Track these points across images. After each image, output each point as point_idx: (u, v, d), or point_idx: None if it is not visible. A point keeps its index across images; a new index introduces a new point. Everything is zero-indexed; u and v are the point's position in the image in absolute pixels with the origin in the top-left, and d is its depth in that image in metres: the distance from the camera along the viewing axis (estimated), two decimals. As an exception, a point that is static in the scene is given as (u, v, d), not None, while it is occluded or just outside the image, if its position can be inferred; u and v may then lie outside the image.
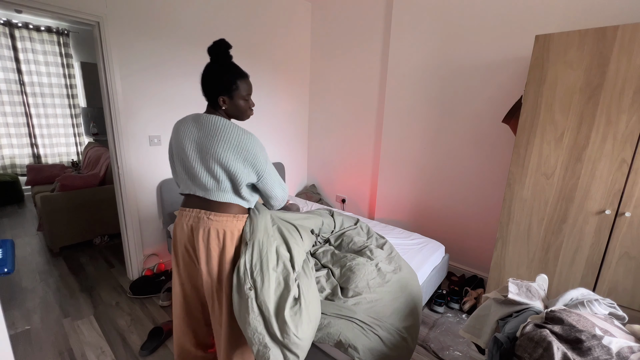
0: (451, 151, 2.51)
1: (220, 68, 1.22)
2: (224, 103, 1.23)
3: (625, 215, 1.45)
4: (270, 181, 1.25)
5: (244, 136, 1.17)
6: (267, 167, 1.22)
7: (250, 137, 1.19)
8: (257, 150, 1.19)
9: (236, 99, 1.24)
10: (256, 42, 2.90)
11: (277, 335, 1.10)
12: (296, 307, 1.16)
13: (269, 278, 1.16)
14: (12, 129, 4.15)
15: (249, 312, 1.10)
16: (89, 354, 1.72)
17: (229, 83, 1.21)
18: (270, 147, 3.31)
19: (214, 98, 1.22)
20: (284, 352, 1.12)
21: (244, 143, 1.16)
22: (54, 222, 2.80)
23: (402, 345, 1.37)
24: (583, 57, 1.45)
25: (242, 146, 1.16)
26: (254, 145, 1.18)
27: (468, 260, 2.58)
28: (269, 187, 1.26)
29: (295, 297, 1.18)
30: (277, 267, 1.23)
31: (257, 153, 1.19)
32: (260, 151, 1.19)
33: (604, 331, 0.81)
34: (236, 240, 1.25)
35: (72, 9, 1.86)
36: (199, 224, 1.22)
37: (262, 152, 1.21)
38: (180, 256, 1.32)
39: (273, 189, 1.27)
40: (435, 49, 2.45)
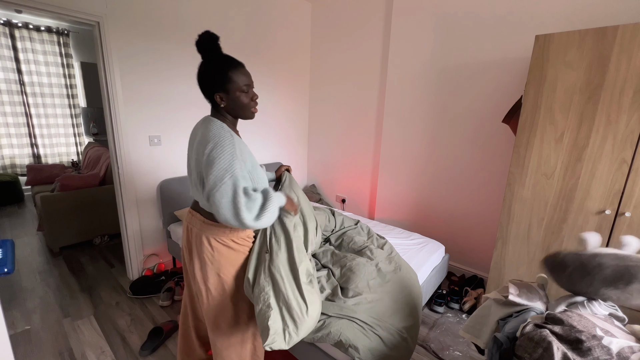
0: (451, 151, 2.51)
1: (209, 63, 1.13)
2: (221, 100, 1.14)
3: (625, 215, 1.45)
4: (219, 201, 1.00)
5: (214, 137, 1.05)
6: (222, 184, 1.00)
7: (219, 139, 1.05)
8: (217, 154, 1.03)
9: (233, 93, 1.14)
10: (256, 42, 2.90)
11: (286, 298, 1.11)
12: (309, 283, 1.17)
13: (285, 245, 1.19)
14: (12, 129, 4.15)
15: (262, 273, 1.13)
16: (89, 354, 1.72)
17: (221, 77, 1.12)
18: (270, 147, 3.31)
19: (211, 97, 1.15)
20: (285, 318, 1.10)
21: (208, 143, 1.05)
22: (54, 222, 2.80)
23: (402, 345, 1.37)
24: (583, 57, 1.45)
25: (204, 146, 1.06)
26: (216, 149, 1.03)
27: (468, 260, 2.58)
28: (215, 207, 1.01)
29: (309, 272, 1.19)
30: (294, 238, 1.22)
31: (214, 159, 1.03)
32: (219, 159, 1.03)
33: (605, 331, 0.81)
34: (228, 251, 1.20)
35: (72, 9, 1.86)
36: (194, 226, 1.22)
37: (223, 160, 1.03)
38: (185, 255, 1.34)
39: (219, 210, 1.01)
40: (435, 49, 2.45)
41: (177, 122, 2.45)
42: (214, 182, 1.01)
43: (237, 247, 1.20)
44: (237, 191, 1.01)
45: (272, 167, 3.25)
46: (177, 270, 2.51)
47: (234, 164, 1.03)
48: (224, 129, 1.10)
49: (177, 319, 1.99)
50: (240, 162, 1.06)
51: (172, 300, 2.19)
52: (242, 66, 1.16)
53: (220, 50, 1.16)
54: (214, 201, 1.01)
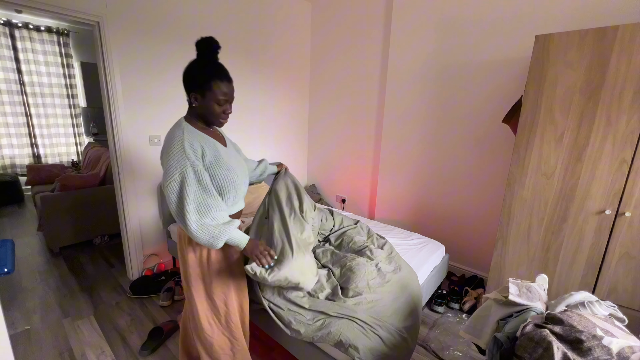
0: (451, 151, 2.51)
1: (201, 63, 1.15)
2: (194, 100, 1.15)
3: (625, 215, 1.45)
4: (168, 197, 1.07)
5: (169, 139, 1.11)
6: (171, 181, 1.05)
7: (169, 137, 1.11)
8: (164, 151, 1.10)
9: (209, 99, 1.13)
10: (256, 42, 2.90)
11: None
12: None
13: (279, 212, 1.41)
14: (12, 129, 4.15)
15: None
16: (89, 354, 1.72)
17: (204, 80, 1.11)
18: (270, 147, 3.31)
19: (187, 94, 1.16)
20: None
21: (163, 144, 1.12)
22: (54, 222, 2.80)
23: (402, 346, 1.37)
24: (583, 57, 1.45)
25: (163, 149, 1.12)
26: (164, 147, 1.11)
27: (468, 260, 2.58)
28: (167, 201, 1.08)
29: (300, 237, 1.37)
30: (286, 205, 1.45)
31: (163, 156, 1.10)
32: (167, 155, 1.08)
33: (605, 331, 0.81)
34: (200, 248, 1.23)
35: (72, 9, 1.86)
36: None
37: (172, 158, 1.06)
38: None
39: (169, 206, 1.08)
40: (436, 49, 2.45)
41: (177, 122, 2.45)
42: (164, 178, 1.07)
43: (191, 252, 1.24)
44: (184, 192, 1.04)
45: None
46: (177, 270, 2.51)
47: (182, 161, 1.06)
48: (180, 127, 1.13)
49: (177, 319, 1.99)
50: (190, 159, 1.07)
51: (172, 300, 2.19)
52: (227, 80, 1.16)
53: (216, 57, 1.18)
54: (166, 197, 1.08)
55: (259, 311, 1.47)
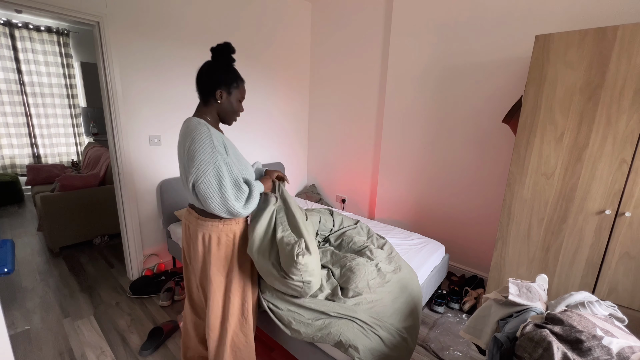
0: (451, 151, 2.51)
1: (224, 64, 1.22)
2: (220, 97, 1.21)
3: (625, 215, 1.45)
4: (204, 191, 1.07)
5: (191, 132, 1.11)
6: (205, 176, 1.06)
7: (196, 133, 1.10)
8: (196, 147, 1.08)
9: (233, 97, 1.24)
10: (256, 42, 2.90)
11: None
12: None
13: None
14: (12, 129, 4.15)
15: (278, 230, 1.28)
16: (89, 354, 1.72)
17: (231, 79, 1.22)
18: (270, 147, 3.31)
19: (212, 91, 1.20)
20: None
21: (187, 140, 1.11)
22: (54, 222, 2.80)
23: (402, 346, 1.37)
24: (583, 57, 1.45)
25: (184, 144, 1.12)
26: (195, 143, 1.08)
27: (468, 260, 2.58)
28: (202, 199, 1.09)
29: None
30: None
31: (194, 152, 1.08)
32: (199, 151, 1.07)
33: (605, 331, 0.81)
34: (224, 245, 1.25)
35: (72, 9, 1.86)
36: (191, 224, 1.28)
37: (203, 153, 1.07)
38: (185, 253, 1.39)
39: (206, 201, 1.08)
40: (436, 49, 2.45)
41: (177, 122, 2.45)
42: (197, 174, 1.06)
43: (227, 240, 1.25)
44: (222, 181, 1.07)
45: (273, 167, 3.25)
46: (177, 270, 2.51)
47: (214, 155, 1.08)
48: (201, 124, 1.14)
49: (177, 319, 1.99)
50: (220, 153, 1.11)
51: (172, 300, 2.19)
52: (244, 82, 1.29)
53: (234, 61, 1.25)
54: (200, 192, 1.07)
55: (259, 311, 1.47)
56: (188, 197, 1.27)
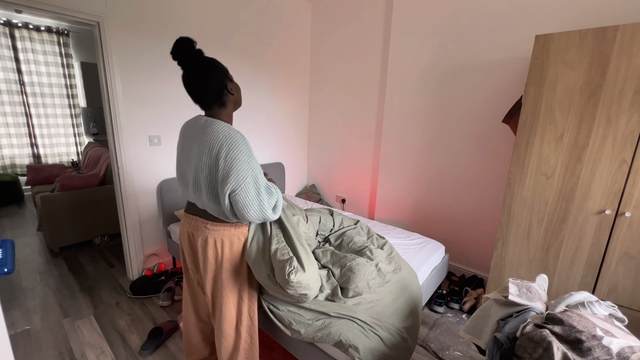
0: (451, 151, 2.51)
1: (204, 60, 1.16)
2: (231, 88, 1.19)
3: (625, 215, 1.45)
4: (243, 199, 1.07)
5: (227, 139, 1.07)
6: (244, 184, 1.06)
7: (234, 141, 1.07)
8: (236, 155, 1.05)
9: (235, 83, 1.23)
10: (256, 42, 2.90)
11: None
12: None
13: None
14: (12, 129, 4.15)
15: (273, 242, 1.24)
16: (89, 354, 1.72)
17: (222, 67, 1.18)
18: (270, 147, 3.31)
19: (223, 89, 1.16)
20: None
21: (221, 147, 1.06)
22: (54, 222, 2.80)
23: (402, 346, 1.37)
24: (583, 57, 1.45)
25: (216, 150, 1.07)
26: (234, 151, 1.05)
27: (468, 260, 2.58)
28: (239, 207, 1.08)
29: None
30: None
31: (234, 161, 1.05)
32: (239, 160, 1.06)
33: (605, 331, 0.81)
34: (236, 248, 1.25)
35: (72, 9, 1.86)
36: (197, 231, 1.24)
37: (243, 161, 1.06)
38: (186, 259, 1.36)
39: (244, 209, 1.08)
40: (436, 49, 2.45)
41: (177, 122, 2.45)
42: (236, 182, 1.05)
43: (239, 243, 1.25)
44: (259, 189, 1.09)
45: (272, 167, 3.25)
46: (177, 270, 2.51)
47: (252, 163, 1.09)
48: (233, 130, 1.11)
49: (177, 319, 1.99)
50: (255, 160, 1.11)
51: (172, 300, 2.19)
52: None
53: (201, 52, 1.18)
54: (238, 201, 1.06)
55: (259, 311, 1.47)
56: (196, 200, 1.21)
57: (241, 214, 1.09)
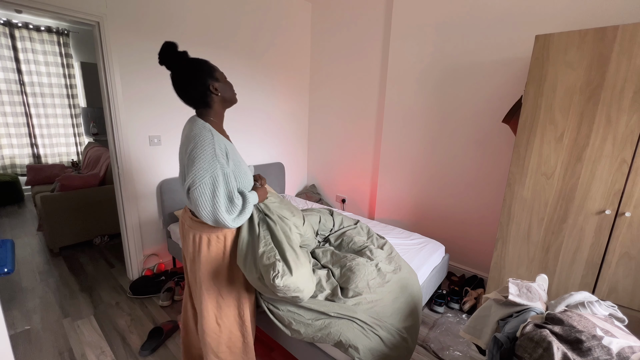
0: (451, 151, 2.51)
1: (188, 62, 1.18)
2: (215, 88, 1.18)
3: (625, 215, 1.45)
4: (197, 198, 1.07)
5: (195, 136, 1.10)
6: (200, 183, 1.06)
7: (200, 139, 1.09)
8: (197, 153, 1.07)
9: (222, 81, 1.22)
10: (256, 42, 2.90)
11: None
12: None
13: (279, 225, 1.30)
14: (12, 129, 4.15)
15: (260, 245, 1.22)
16: (89, 354, 1.72)
17: (208, 68, 1.18)
18: (270, 147, 3.31)
19: (206, 90, 1.17)
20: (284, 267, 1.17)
21: (190, 143, 1.10)
22: (54, 222, 2.80)
23: (402, 346, 1.37)
24: (583, 57, 1.45)
25: (187, 146, 1.11)
26: (197, 148, 1.08)
27: (468, 260, 2.58)
28: (193, 204, 1.09)
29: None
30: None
31: (195, 158, 1.07)
32: (199, 158, 1.07)
33: (605, 331, 0.81)
34: (214, 247, 1.24)
35: (72, 9, 1.86)
36: (185, 222, 1.29)
37: (203, 160, 1.07)
38: (183, 254, 1.38)
39: (197, 207, 1.08)
40: (436, 49, 2.45)
41: (177, 122, 2.45)
42: (193, 180, 1.07)
43: (217, 242, 1.25)
44: (215, 192, 1.07)
45: (272, 167, 3.25)
46: (177, 270, 2.51)
47: (213, 164, 1.08)
48: (206, 129, 1.13)
49: (177, 319, 1.99)
50: (220, 162, 1.10)
51: (172, 300, 2.19)
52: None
53: (186, 54, 1.19)
54: (192, 199, 1.08)
55: (258, 311, 1.47)
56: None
57: (195, 210, 1.10)
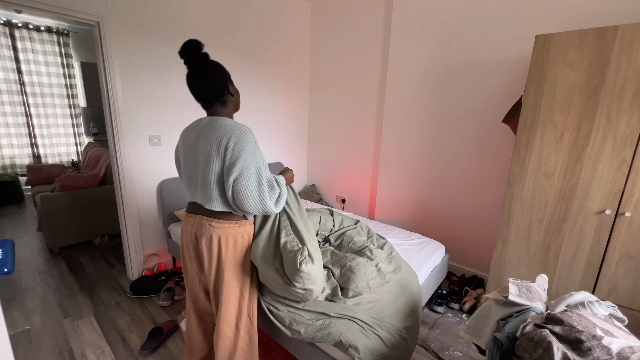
0: (451, 151, 2.51)
1: (211, 62, 1.21)
2: (232, 91, 1.24)
3: (625, 215, 1.45)
4: (244, 189, 1.10)
5: (234, 131, 1.12)
6: (247, 174, 1.10)
7: (241, 133, 1.12)
8: (243, 146, 1.11)
9: (234, 86, 1.27)
10: (256, 42, 2.90)
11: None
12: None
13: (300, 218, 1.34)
14: (12, 129, 4.15)
15: (282, 235, 1.27)
16: (89, 354, 1.72)
17: (227, 71, 1.24)
18: (270, 147, 3.31)
19: (224, 89, 1.21)
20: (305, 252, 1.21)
21: (230, 139, 1.11)
22: (54, 222, 2.80)
23: (402, 346, 1.37)
24: (583, 57, 1.45)
25: (223, 142, 1.12)
26: (241, 142, 1.11)
27: (468, 260, 2.58)
28: (240, 196, 1.11)
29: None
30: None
31: (241, 151, 1.10)
32: (245, 150, 1.11)
33: (605, 331, 0.81)
34: (240, 246, 1.26)
35: (72, 9, 1.86)
36: (202, 230, 1.24)
37: (249, 152, 1.11)
38: (187, 260, 1.36)
39: (244, 198, 1.11)
40: (436, 49, 2.45)
41: (177, 122, 2.45)
42: (240, 171, 1.09)
43: (242, 242, 1.26)
44: (261, 180, 1.12)
45: (273, 167, 3.25)
46: (177, 270, 2.51)
47: (256, 155, 1.13)
48: (240, 123, 1.17)
49: (177, 319, 1.99)
50: (260, 153, 1.15)
51: (172, 300, 2.20)
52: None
53: (208, 55, 1.22)
54: (239, 189, 1.09)
55: (259, 312, 1.47)
56: (201, 200, 1.23)
57: (241, 203, 1.11)
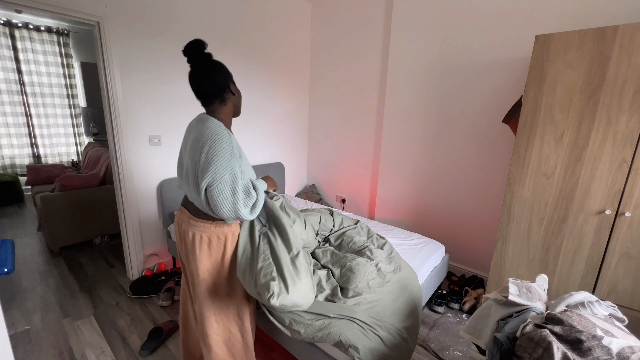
0: (451, 151, 2.51)
1: (214, 62, 1.23)
2: (233, 90, 1.25)
3: (625, 215, 1.45)
4: (217, 196, 1.07)
5: (212, 135, 1.11)
6: (220, 181, 1.07)
7: (218, 137, 1.10)
8: (217, 152, 1.08)
9: (236, 87, 1.29)
10: (256, 42, 2.90)
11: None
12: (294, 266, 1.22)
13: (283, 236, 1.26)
14: (12, 129, 4.15)
15: (259, 260, 1.19)
16: (89, 354, 1.72)
17: (229, 71, 1.25)
18: (270, 147, 3.31)
19: (225, 87, 1.22)
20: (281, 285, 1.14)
21: (206, 142, 1.10)
22: (54, 222, 2.80)
23: (402, 346, 1.37)
24: (583, 57, 1.45)
25: (201, 145, 1.11)
26: (215, 147, 1.08)
27: (468, 260, 2.58)
28: (213, 203, 1.09)
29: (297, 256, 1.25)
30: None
31: (214, 157, 1.08)
32: (219, 156, 1.08)
33: (605, 331, 0.81)
34: (215, 247, 1.23)
35: (72, 9, 1.86)
36: (183, 224, 1.28)
37: (222, 158, 1.08)
38: (182, 254, 1.38)
39: (217, 205, 1.08)
40: (436, 49, 2.45)
41: (177, 122, 2.45)
42: (213, 178, 1.07)
43: (217, 244, 1.24)
44: (235, 188, 1.09)
45: (272, 167, 3.25)
46: (177, 270, 2.51)
47: (232, 162, 1.10)
48: (221, 127, 1.15)
49: (177, 319, 1.99)
50: (236, 160, 1.12)
51: (172, 300, 2.19)
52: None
53: (211, 55, 1.24)
54: (213, 196, 1.08)
55: (258, 312, 1.47)
56: (186, 191, 1.27)
57: (215, 208, 1.10)
